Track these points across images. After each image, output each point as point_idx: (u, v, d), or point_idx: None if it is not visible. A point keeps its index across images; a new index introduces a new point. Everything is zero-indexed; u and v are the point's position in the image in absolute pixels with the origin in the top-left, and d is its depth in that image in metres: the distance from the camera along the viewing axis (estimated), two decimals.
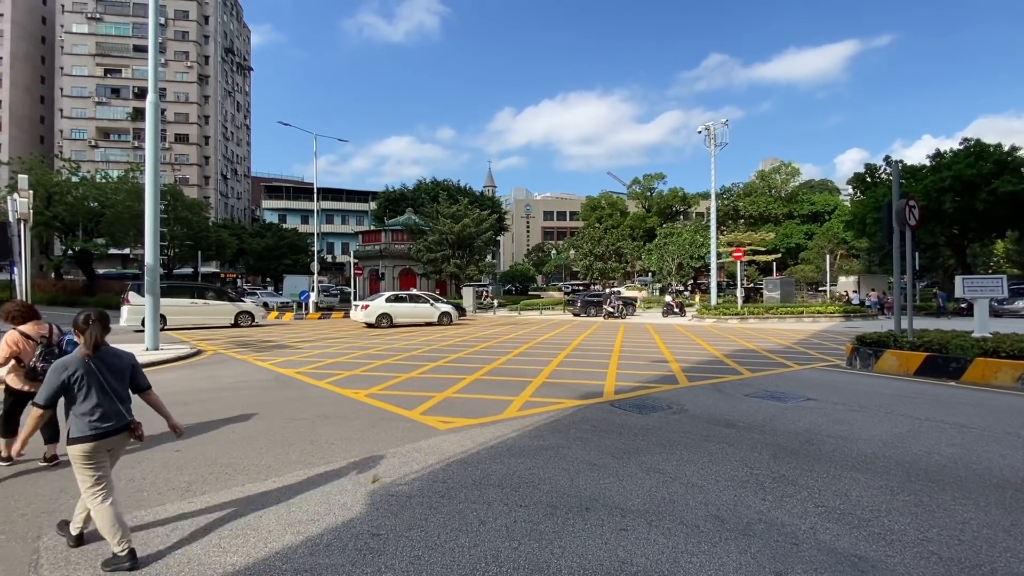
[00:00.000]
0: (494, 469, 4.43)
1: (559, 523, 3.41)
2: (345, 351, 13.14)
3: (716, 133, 27.40)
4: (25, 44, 66.67)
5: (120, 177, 38.26)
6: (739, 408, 6.67)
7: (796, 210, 63.31)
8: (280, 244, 53.47)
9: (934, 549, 3.08)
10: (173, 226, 41.92)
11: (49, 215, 33.77)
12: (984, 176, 26.06)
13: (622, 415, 6.31)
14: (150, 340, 12.55)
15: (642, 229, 63.90)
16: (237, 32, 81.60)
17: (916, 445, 5.10)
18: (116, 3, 66.70)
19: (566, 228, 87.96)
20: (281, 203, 76.56)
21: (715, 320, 24.03)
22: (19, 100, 65.36)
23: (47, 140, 67.93)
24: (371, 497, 3.85)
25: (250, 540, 3.20)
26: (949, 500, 3.79)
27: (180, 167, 66.21)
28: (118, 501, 3.02)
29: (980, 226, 28.98)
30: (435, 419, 6.14)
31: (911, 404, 6.92)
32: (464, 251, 36.95)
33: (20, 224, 10.67)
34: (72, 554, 3.05)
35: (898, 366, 9.47)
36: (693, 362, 10.85)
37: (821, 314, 23.93)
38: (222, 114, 73.84)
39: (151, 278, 12.96)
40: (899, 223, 10.01)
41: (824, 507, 3.65)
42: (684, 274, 47.44)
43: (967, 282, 10.82)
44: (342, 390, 7.99)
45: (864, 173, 34.55)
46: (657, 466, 4.50)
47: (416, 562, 2.93)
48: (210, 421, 6.12)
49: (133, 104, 64.93)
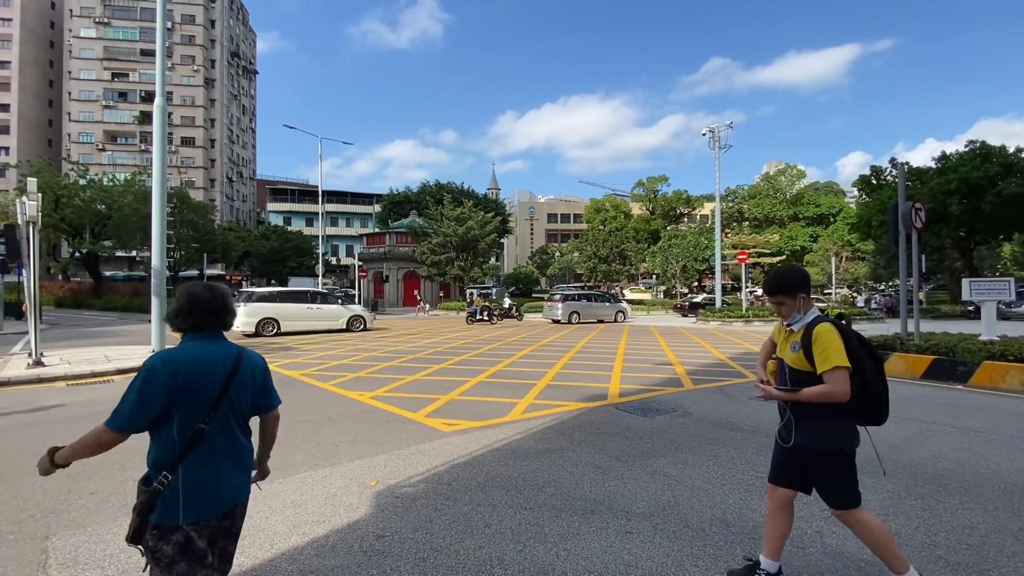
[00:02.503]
0: (499, 471, 4.44)
1: (564, 526, 3.41)
2: (350, 353, 13.18)
3: (720, 135, 27.37)
4: (34, 49, 67.36)
5: (127, 180, 38.57)
6: (744, 411, 6.65)
7: (801, 212, 63.12)
8: (285, 247, 53.73)
9: (941, 553, 3.06)
10: (179, 229, 42.21)
11: (57, 218, 34.07)
12: (990, 178, 25.90)
13: (627, 418, 6.30)
14: (157, 342, 12.62)
15: (646, 231, 63.86)
16: (243, 36, 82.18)
17: (923, 449, 5.07)
18: (124, 8, 67.32)
19: (570, 230, 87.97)
20: (286, 206, 76.94)
21: (719, 323, 23.96)
22: (28, 104, 66.00)
23: (55, 143, 68.52)
24: (376, 499, 3.86)
25: (256, 541, 3.21)
26: (956, 504, 3.77)
27: (186, 170, 66.65)
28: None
29: (987, 228, 28.79)
30: (440, 421, 6.15)
31: (918, 407, 6.88)
32: (468, 253, 36.98)
33: (29, 227, 10.78)
34: (80, 554, 3.08)
35: (905, 369, 9.42)
36: (698, 365, 10.83)
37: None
38: (228, 117, 74.32)
39: (158, 280, 13.04)
40: (905, 226, 9.96)
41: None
42: (688, 276, 47.33)
43: (974, 285, 10.76)
44: (347, 392, 8.01)
45: (869, 175, 34.39)
46: (662, 469, 4.49)
47: (421, 564, 2.94)
48: None
49: (140, 108, 65.48)
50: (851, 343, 2.44)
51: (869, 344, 2.52)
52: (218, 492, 1.88)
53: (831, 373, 2.36)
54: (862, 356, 2.44)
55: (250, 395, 2.05)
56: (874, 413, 2.49)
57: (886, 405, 2.49)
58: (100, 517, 3.58)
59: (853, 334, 2.49)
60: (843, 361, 2.36)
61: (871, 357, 2.47)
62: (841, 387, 2.35)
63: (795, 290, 2.57)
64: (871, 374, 2.43)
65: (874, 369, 2.45)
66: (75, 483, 4.20)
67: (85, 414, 6.33)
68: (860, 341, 2.49)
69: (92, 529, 3.40)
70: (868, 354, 2.47)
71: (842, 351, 2.39)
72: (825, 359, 2.38)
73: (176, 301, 2.03)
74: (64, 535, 3.32)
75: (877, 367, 2.47)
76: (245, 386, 2.02)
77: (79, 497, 3.92)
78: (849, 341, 2.44)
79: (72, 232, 36.37)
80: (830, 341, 2.40)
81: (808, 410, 2.49)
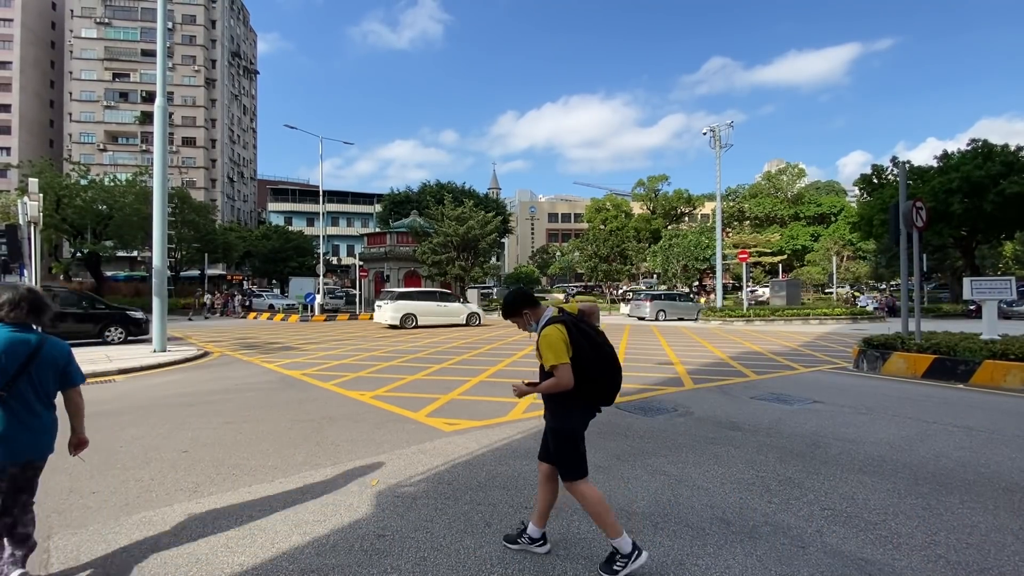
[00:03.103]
0: (499, 471, 4.44)
1: (564, 525, 3.41)
2: (350, 353, 13.19)
3: (721, 135, 27.36)
4: (35, 49, 67.46)
5: (128, 180, 38.60)
6: (745, 411, 6.65)
7: (802, 212, 63.07)
8: (286, 246, 53.71)
9: (942, 552, 3.06)
10: (181, 229, 42.23)
11: (58, 218, 34.10)
12: (992, 177, 25.87)
13: (627, 417, 6.31)
14: (158, 342, 12.66)
15: (647, 231, 63.80)
16: (243, 36, 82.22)
17: (924, 448, 5.07)
18: (124, 8, 67.39)
19: (571, 230, 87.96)
20: (287, 206, 77.01)
21: (720, 322, 23.94)
22: (29, 104, 66.12)
23: (56, 144, 68.64)
24: (377, 498, 3.87)
25: (257, 540, 3.22)
26: (957, 503, 3.77)
27: (187, 170, 66.72)
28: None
29: (988, 227, 28.77)
30: (440, 421, 6.16)
31: (919, 407, 6.88)
32: (469, 253, 36.97)
33: (30, 227, 10.80)
34: (82, 554, 3.09)
35: (906, 368, 9.41)
36: (698, 364, 10.82)
37: (828, 316, 23.80)
38: (229, 117, 74.36)
39: (159, 280, 13.07)
40: (906, 225, 9.95)
41: (831, 510, 3.64)
42: (689, 276, 47.28)
43: (975, 284, 10.74)
44: (348, 392, 8.02)
45: (871, 174, 34.35)
46: (662, 468, 4.49)
47: (422, 563, 2.94)
48: (217, 423, 6.16)
49: (141, 108, 65.54)
50: (575, 337, 2.81)
51: (592, 337, 2.88)
52: (12, 447, 2.53)
53: (555, 368, 2.75)
54: (582, 347, 2.80)
55: (52, 374, 2.68)
56: (597, 396, 2.90)
57: (607, 388, 2.89)
58: (102, 516, 3.59)
59: (579, 329, 2.86)
60: (562, 358, 2.74)
61: (592, 348, 2.84)
62: (564, 378, 2.74)
63: (518, 309, 3.04)
64: (588, 364, 2.80)
65: (592, 359, 2.82)
66: (77, 483, 4.21)
67: (88, 414, 6.33)
68: (584, 334, 2.86)
69: (94, 528, 3.41)
70: (590, 346, 2.83)
71: (562, 348, 2.75)
72: (548, 357, 2.76)
73: (7, 296, 2.59)
74: (66, 534, 3.33)
75: (596, 356, 2.84)
76: (46, 367, 2.64)
77: (80, 497, 3.93)
78: (573, 336, 2.80)
79: (74, 233, 36.40)
80: (552, 341, 2.77)
81: (549, 398, 2.94)
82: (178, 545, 3.17)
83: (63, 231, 36.60)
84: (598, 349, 2.86)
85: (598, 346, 2.87)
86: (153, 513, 3.63)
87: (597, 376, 2.84)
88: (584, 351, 2.81)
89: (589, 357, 2.81)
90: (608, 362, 2.88)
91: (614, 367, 2.90)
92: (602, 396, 2.91)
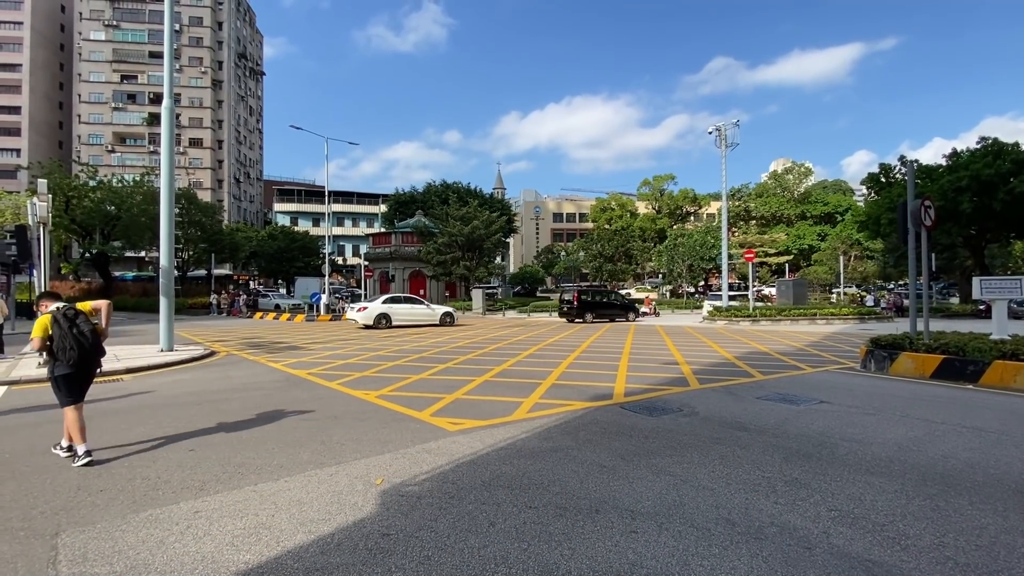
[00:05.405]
0: (504, 470, 4.44)
1: (569, 525, 3.40)
2: (355, 353, 13.23)
3: (727, 134, 27.22)
4: (44, 52, 68.15)
5: (136, 181, 38.97)
6: (751, 411, 6.61)
7: (809, 211, 62.71)
8: (292, 246, 53.99)
9: (950, 554, 3.03)
10: (188, 229, 42.55)
11: (67, 219, 34.46)
12: (1002, 175, 25.58)
13: (632, 417, 6.29)
14: (165, 341, 12.74)
15: (652, 230, 63.63)
16: (250, 37, 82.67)
17: (932, 449, 5.02)
18: (132, 11, 67.93)
19: (576, 230, 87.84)
20: (293, 206, 77.41)
21: (726, 322, 23.83)
22: (38, 106, 66.80)
23: (65, 145, 69.33)
24: (381, 497, 3.87)
25: (263, 539, 3.23)
26: (966, 505, 3.73)
27: (194, 171, 67.18)
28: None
29: (998, 226, 28.46)
30: (445, 420, 6.17)
31: (927, 407, 6.81)
32: (474, 253, 37.01)
33: (40, 227, 10.90)
34: (90, 551, 3.11)
35: (914, 369, 9.33)
36: (704, 364, 10.78)
37: (835, 316, 23.64)
38: (235, 118, 74.79)
39: (166, 280, 13.16)
40: (914, 224, 9.87)
41: (837, 511, 3.61)
42: (695, 275, 47.12)
43: (985, 283, 10.64)
44: (353, 391, 8.04)
45: (879, 173, 34.06)
46: (667, 468, 4.47)
47: (426, 562, 2.94)
48: (223, 422, 6.20)
49: (149, 109, 66.08)
50: (58, 324, 4.56)
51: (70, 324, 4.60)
52: None
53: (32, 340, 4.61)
54: (55, 329, 4.56)
55: None
56: (74, 364, 4.58)
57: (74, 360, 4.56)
58: (109, 514, 3.61)
59: (62, 319, 4.58)
60: (37, 333, 4.56)
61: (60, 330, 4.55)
62: (32, 345, 4.62)
63: (39, 302, 5.01)
64: (56, 341, 4.54)
65: (60, 337, 4.53)
66: (85, 480, 4.25)
67: (95, 413, 6.39)
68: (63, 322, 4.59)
69: (101, 526, 3.43)
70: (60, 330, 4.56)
71: (40, 328, 4.57)
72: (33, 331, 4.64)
73: None
74: (74, 532, 3.35)
75: (62, 337, 4.53)
76: None
77: (88, 494, 3.97)
78: (57, 323, 4.56)
79: (82, 233, 36.77)
80: (38, 323, 4.61)
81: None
82: (184, 543, 3.19)
83: (72, 231, 36.97)
84: (63, 330, 4.54)
85: (69, 330, 4.55)
86: (160, 511, 3.66)
87: (58, 349, 4.54)
88: (56, 331, 4.54)
89: (56, 335, 4.54)
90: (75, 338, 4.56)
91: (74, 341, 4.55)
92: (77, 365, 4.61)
